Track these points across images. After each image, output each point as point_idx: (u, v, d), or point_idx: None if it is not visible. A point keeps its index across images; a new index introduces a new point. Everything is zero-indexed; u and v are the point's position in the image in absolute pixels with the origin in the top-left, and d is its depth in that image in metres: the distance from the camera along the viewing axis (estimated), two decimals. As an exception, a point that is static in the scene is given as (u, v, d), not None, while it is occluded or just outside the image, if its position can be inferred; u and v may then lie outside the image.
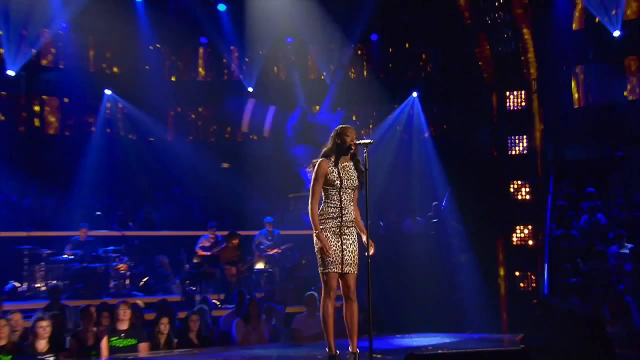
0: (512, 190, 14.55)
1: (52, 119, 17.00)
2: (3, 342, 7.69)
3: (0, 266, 12.17)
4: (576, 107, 15.35)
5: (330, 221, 5.79)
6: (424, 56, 17.16)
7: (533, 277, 13.11)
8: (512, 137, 14.62)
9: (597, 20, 14.17)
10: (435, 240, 14.03)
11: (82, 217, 13.43)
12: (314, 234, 5.83)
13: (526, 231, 14.36)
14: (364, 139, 5.88)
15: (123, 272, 12.27)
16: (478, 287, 12.98)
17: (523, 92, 14.64)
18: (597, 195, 13.60)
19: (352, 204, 5.92)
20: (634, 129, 14.53)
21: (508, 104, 14.81)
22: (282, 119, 16.55)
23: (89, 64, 17.14)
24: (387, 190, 15.20)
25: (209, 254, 12.65)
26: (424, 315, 11.23)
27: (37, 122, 16.84)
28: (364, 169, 5.90)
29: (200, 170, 15.51)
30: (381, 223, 14.42)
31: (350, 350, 5.79)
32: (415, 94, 16.26)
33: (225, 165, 17.04)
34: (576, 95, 15.39)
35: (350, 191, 5.88)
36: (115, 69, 17.36)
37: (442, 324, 10.80)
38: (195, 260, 12.67)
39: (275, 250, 13.03)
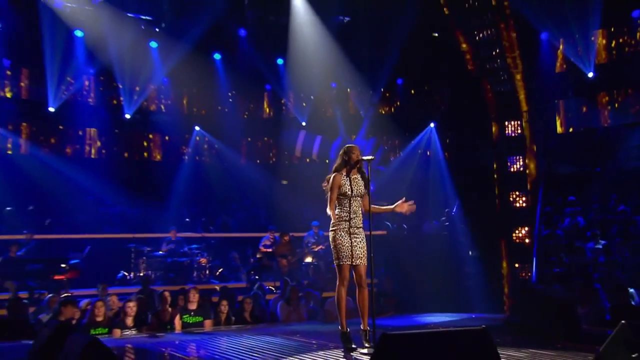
0: (511, 199, 15.18)
1: (156, 150, 17.66)
2: (99, 319, 7.96)
3: (114, 259, 12.57)
4: (560, 132, 15.30)
5: (343, 223, 5.86)
6: (438, 95, 17.16)
7: (528, 268, 13.90)
8: (511, 157, 15.28)
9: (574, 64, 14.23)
10: (447, 240, 14.11)
11: (173, 222, 13.80)
12: (330, 233, 5.95)
13: (523, 231, 14.52)
14: (366, 156, 5.98)
15: (203, 264, 12.53)
16: (483, 276, 12.74)
17: (518, 122, 15.08)
18: (577, 202, 13.55)
19: (360, 209, 5.95)
20: (607, 150, 14.39)
21: (506, 131, 15.15)
22: (327, 146, 16.86)
23: (183, 108, 17.83)
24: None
25: (269, 250, 12.87)
26: (438, 299, 11.31)
27: (145, 154, 17.49)
28: (368, 178, 5.99)
29: (265, 186, 15.80)
30: (405, 226, 14.73)
31: (361, 327, 5.84)
32: (432, 125, 16.47)
33: (284, 182, 17.37)
34: (559, 124, 15.37)
35: (358, 198, 5.94)
36: (203, 111, 17.86)
37: (453, 306, 10.99)
38: (258, 256, 12.90)
39: (320, 247, 13.08)
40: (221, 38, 16.08)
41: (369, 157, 5.96)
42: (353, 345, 5.68)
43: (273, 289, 11.90)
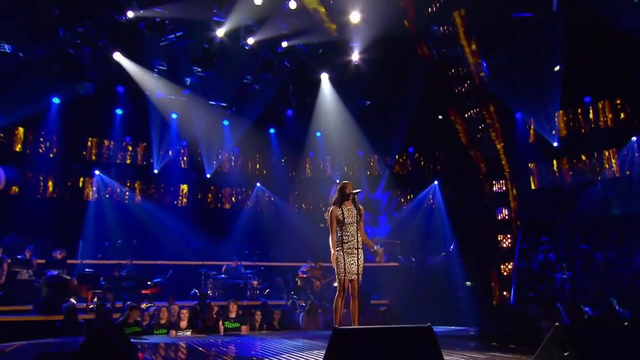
0: (499, 239, 14.87)
1: (226, 201, 17.83)
2: (162, 321, 8.03)
3: (189, 280, 12.60)
4: (534, 188, 14.95)
5: (345, 244, 5.60)
6: (440, 160, 17.24)
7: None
8: (498, 208, 14.93)
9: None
10: (447, 271, 14.05)
11: (235, 253, 13.87)
12: (332, 255, 5.68)
13: (510, 266, 14.45)
14: (356, 189, 5.68)
15: (255, 286, 12.43)
16: (474, 299, 12.89)
17: (502, 181, 14.93)
18: (548, 242, 13.11)
19: (357, 233, 5.60)
20: (570, 202, 13.98)
21: (494, 188, 15.16)
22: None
23: (247, 169, 18.07)
24: (416, 238, 15.31)
25: (305, 276, 12.68)
26: (436, 315, 10.86)
27: (219, 204, 17.69)
28: (360, 207, 5.70)
29: (306, 228, 15.76)
30: (413, 259, 14.54)
31: None
32: (435, 182, 16.47)
33: (321, 225, 15.86)
34: (533, 182, 15.10)
35: (354, 224, 5.61)
36: (264, 171, 18.10)
37: (448, 321, 10.73)
38: (297, 280, 12.77)
39: None
40: (274, 117, 16.36)
41: (357, 190, 5.67)
42: None
43: (304, 304, 11.66)
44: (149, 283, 10.63)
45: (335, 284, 13.35)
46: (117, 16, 10.64)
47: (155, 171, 16.30)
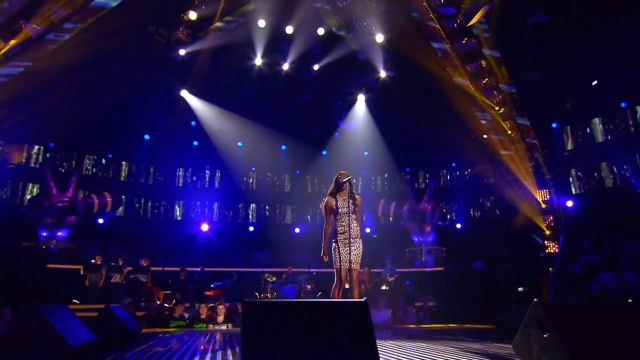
0: (546, 245, 13.78)
1: (288, 218, 18.08)
2: (202, 317, 8.15)
3: (251, 284, 12.50)
4: (576, 193, 13.83)
5: (340, 235, 5.07)
6: (483, 174, 16.19)
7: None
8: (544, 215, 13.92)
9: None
10: (488, 275, 12.84)
11: (291, 262, 13.56)
12: (323, 248, 5.12)
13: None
14: (347, 178, 5.07)
15: (308, 289, 12.07)
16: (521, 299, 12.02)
17: (546, 190, 13.98)
18: (590, 244, 11.73)
19: (354, 222, 5.05)
20: (613, 204, 12.67)
21: (539, 197, 14.19)
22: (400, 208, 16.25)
23: (307, 188, 18.08)
24: (466, 246, 14.85)
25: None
26: (481, 316, 10.33)
27: (282, 221, 18.42)
28: (356, 197, 5.13)
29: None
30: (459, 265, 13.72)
31: None
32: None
33: (374, 236, 16.61)
34: (574, 187, 13.98)
35: (348, 214, 5.03)
36: (323, 189, 17.47)
37: (482, 320, 10.02)
38: (346, 283, 12.90)
39: (392, 278, 12.36)
40: (324, 139, 16.44)
41: (348, 178, 5.05)
42: None
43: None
44: (211, 286, 10.92)
45: (384, 287, 13.01)
46: (174, 57, 11.25)
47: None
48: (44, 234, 12.93)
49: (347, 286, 5.29)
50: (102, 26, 10.20)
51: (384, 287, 12.36)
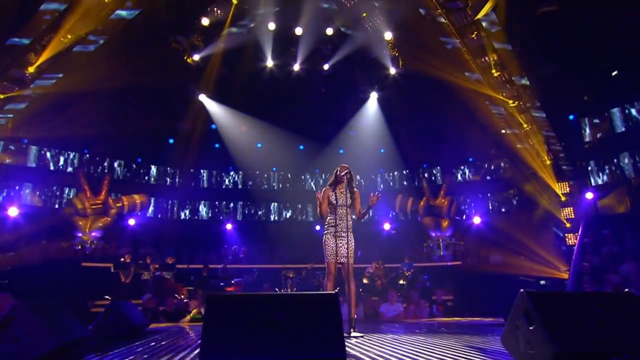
0: (566, 237, 13.21)
1: (308, 215, 18.04)
2: None
3: (277, 281, 12.17)
4: (595, 185, 13.21)
5: (330, 228, 4.96)
6: (505, 170, 15.79)
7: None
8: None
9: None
10: (510, 268, 12.26)
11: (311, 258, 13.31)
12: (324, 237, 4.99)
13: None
14: (347, 170, 5.05)
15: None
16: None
17: (567, 182, 13.37)
18: (611, 235, 11.12)
19: (347, 216, 4.92)
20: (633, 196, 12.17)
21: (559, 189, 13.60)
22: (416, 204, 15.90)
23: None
24: (483, 240, 14.25)
25: (369, 275, 12.13)
26: (487, 305, 10.16)
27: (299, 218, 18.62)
28: (355, 190, 5.07)
29: (375, 233, 15.29)
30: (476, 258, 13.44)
31: (349, 315, 4.97)
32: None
33: (393, 232, 16.11)
34: (593, 179, 13.40)
35: (345, 207, 4.92)
36: None
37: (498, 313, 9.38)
38: (362, 279, 12.13)
39: (409, 272, 12.21)
40: (340, 138, 16.10)
41: (347, 171, 5.02)
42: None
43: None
44: (232, 282, 11.05)
45: (401, 282, 12.81)
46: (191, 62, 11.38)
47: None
48: (79, 234, 13.32)
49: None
50: (124, 37, 10.42)
51: (401, 282, 12.23)
